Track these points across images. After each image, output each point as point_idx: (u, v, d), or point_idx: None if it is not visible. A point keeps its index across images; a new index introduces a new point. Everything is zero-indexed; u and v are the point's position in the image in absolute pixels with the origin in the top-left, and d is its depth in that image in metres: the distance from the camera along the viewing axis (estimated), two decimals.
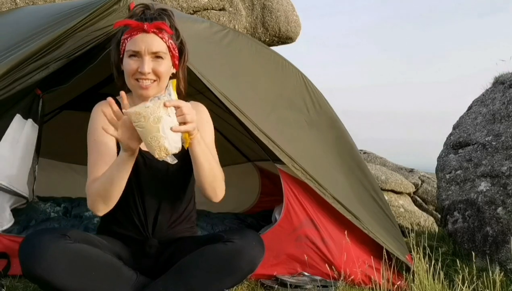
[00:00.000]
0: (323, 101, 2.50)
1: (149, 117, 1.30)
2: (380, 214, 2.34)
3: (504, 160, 2.55)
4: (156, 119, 1.30)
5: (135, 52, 1.49)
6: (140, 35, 1.48)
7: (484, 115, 2.94)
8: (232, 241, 1.43)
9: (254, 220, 3.00)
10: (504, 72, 3.13)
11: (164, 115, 1.31)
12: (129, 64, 1.50)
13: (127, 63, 1.51)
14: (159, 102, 1.32)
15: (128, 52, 1.50)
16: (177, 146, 1.36)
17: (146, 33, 1.48)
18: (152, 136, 1.31)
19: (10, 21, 2.44)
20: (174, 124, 1.33)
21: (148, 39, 1.48)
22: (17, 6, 3.49)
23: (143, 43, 1.48)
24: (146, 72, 1.48)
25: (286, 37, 4.62)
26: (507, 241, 2.33)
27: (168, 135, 1.32)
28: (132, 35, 1.49)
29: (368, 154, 6.40)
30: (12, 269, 1.90)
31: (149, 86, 1.51)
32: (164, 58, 1.52)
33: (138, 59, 1.49)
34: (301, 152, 2.16)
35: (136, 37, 1.48)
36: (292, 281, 2.02)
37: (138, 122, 1.30)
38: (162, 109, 1.31)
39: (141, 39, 1.48)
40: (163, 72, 1.52)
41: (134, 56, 1.50)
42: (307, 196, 2.15)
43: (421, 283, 1.97)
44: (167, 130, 1.31)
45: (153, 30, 1.47)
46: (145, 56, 1.48)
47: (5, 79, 1.78)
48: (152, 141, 1.31)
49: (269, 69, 2.40)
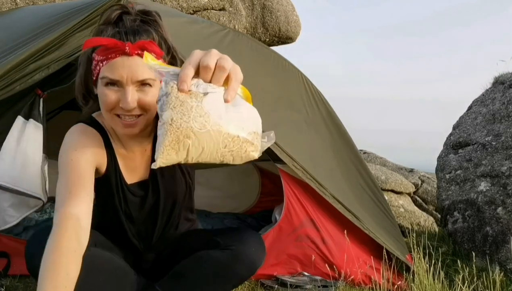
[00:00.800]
0: (323, 101, 2.50)
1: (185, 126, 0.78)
2: (380, 214, 2.35)
3: (504, 160, 2.55)
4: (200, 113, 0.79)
5: (113, 81, 1.13)
6: (120, 59, 1.11)
7: (484, 115, 2.94)
8: (231, 248, 1.32)
9: (254, 220, 3.00)
10: (504, 72, 3.14)
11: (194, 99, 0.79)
12: (105, 95, 1.14)
13: (103, 93, 1.15)
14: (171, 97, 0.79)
15: (104, 79, 1.13)
16: (257, 119, 0.90)
17: (128, 56, 1.11)
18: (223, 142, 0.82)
19: (10, 21, 2.44)
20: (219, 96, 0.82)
21: (131, 64, 1.11)
22: (17, 6, 3.48)
23: (124, 70, 1.11)
24: (131, 108, 1.14)
25: (286, 37, 4.62)
26: (507, 241, 2.33)
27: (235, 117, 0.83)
28: (108, 58, 1.12)
29: (368, 154, 6.41)
30: (12, 269, 1.90)
31: (135, 123, 1.18)
32: (153, 85, 1.17)
33: (119, 90, 1.14)
34: (301, 152, 2.16)
35: (115, 61, 1.11)
36: (292, 281, 2.02)
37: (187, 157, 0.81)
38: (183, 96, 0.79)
39: (122, 64, 1.11)
40: (151, 103, 1.17)
41: (112, 86, 1.14)
42: (307, 196, 2.15)
43: (421, 283, 1.97)
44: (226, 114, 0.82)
45: (137, 52, 1.11)
46: (127, 86, 1.13)
47: (5, 79, 1.78)
48: (232, 147, 0.83)
49: (269, 69, 2.40)
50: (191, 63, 0.81)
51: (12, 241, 1.95)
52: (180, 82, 0.80)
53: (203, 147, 0.80)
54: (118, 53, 1.11)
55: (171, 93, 0.79)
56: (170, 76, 0.81)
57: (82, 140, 1.23)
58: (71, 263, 1.00)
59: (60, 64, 1.88)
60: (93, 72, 1.18)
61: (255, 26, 4.46)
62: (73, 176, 1.13)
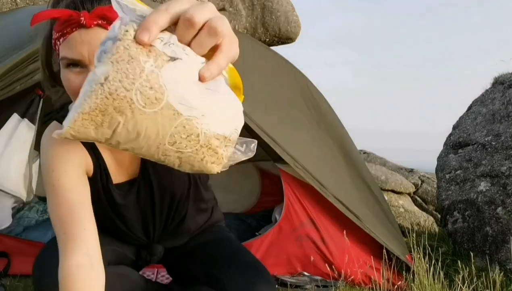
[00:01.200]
0: (323, 101, 2.50)
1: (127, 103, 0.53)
2: (380, 214, 2.35)
3: (503, 160, 2.55)
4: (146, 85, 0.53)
5: (74, 61, 0.90)
6: (77, 33, 0.89)
7: (484, 116, 2.94)
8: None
9: (254, 220, 3.01)
10: (504, 72, 3.14)
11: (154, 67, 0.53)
12: (68, 79, 0.93)
13: (66, 78, 0.93)
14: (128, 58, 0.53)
15: (64, 60, 0.91)
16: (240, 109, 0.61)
17: (86, 28, 0.88)
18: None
19: (10, 21, 2.44)
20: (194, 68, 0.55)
21: (91, 38, 0.89)
22: (17, 6, 3.48)
23: (83, 46, 0.89)
24: None
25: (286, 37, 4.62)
26: (506, 241, 2.33)
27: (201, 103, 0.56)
28: (65, 33, 0.90)
29: (368, 154, 6.41)
30: (12, 269, 1.90)
31: None
32: None
33: (82, 71, 0.91)
34: (302, 152, 2.16)
35: (71, 36, 0.89)
36: (292, 281, 2.02)
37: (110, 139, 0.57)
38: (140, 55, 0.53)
39: (80, 39, 0.89)
40: None
41: (75, 67, 0.91)
42: (307, 196, 2.15)
43: (421, 283, 1.97)
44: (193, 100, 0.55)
45: (97, 22, 0.89)
46: (91, 65, 0.89)
47: (5, 79, 1.78)
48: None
49: (270, 70, 2.40)
50: (168, 9, 0.55)
51: (12, 241, 1.95)
52: (141, 29, 0.53)
53: (140, 133, 0.55)
54: (74, 26, 0.89)
55: (121, 40, 0.52)
56: (133, 17, 0.54)
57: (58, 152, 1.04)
58: None
59: None
60: (55, 53, 0.96)
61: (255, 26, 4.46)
62: (63, 210, 0.97)
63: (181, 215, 1.41)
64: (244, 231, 2.63)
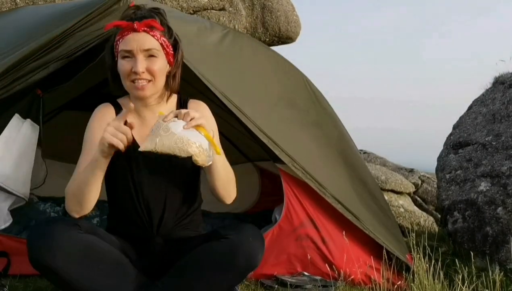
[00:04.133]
0: (323, 101, 2.50)
1: (158, 133, 1.31)
2: (380, 214, 2.34)
3: (504, 160, 2.55)
4: (166, 129, 1.32)
5: (127, 52, 1.47)
6: (131, 35, 1.47)
7: (484, 115, 2.94)
8: (227, 237, 1.40)
9: (254, 220, 3.00)
10: (504, 72, 3.14)
11: (170, 123, 1.33)
12: (122, 65, 1.49)
13: (121, 64, 1.49)
14: (158, 123, 1.35)
15: (121, 53, 1.48)
16: (204, 142, 1.35)
17: (137, 32, 1.46)
18: (175, 142, 1.31)
19: (10, 21, 2.44)
20: (184, 124, 1.34)
21: (139, 38, 1.46)
22: (17, 6, 3.48)
23: (134, 42, 1.46)
24: (140, 71, 1.46)
25: (286, 37, 4.62)
26: (507, 241, 2.33)
27: (187, 134, 1.33)
28: (123, 35, 1.48)
29: (368, 154, 6.41)
30: (12, 269, 1.90)
31: (145, 86, 1.49)
32: (158, 56, 1.50)
33: (131, 59, 1.48)
34: (301, 152, 2.16)
35: (127, 37, 1.47)
36: (292, 281, 2.02)
37: (156, 146, 1.31)
38: (164, 123, 1.34)
39: (132, 38, 1.46)
40: (158, 71, 1.50)
41: (127, 57, 1.48)
42: (307, 196, 2.15)
43: (421, 283, 1.97)
44: (182, 131, 1.33)
45: (144, 28, 1.46)
46: (137, 55, 1.46)
47: (5, 79, 1.78)
48: (179, 145, 1.31)
49: (269, 69, 2.40)
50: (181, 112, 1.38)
51: (12, 240, 1.95)
52: (167, 116, 1.36)
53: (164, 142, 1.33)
54: (129, 31, 1.47)
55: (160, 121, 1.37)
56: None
57: (95, 119, 1.59)
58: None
59: (60, 64, 1.89)
60: (114, 53, 1.53)
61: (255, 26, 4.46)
62: (83, 158, 1.50)
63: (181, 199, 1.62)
64: None
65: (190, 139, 1.32)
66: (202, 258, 1.40)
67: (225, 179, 1.53)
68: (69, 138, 3.22)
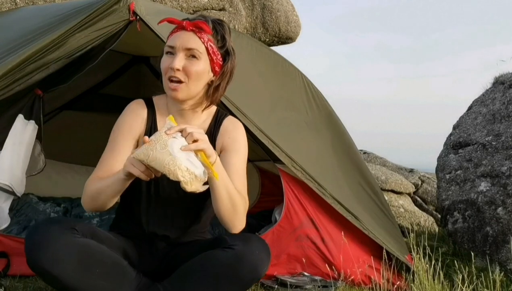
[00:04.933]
0: (323, 102, 2.50)
1: (155, 147, 1.23)
2: (380, 214, 2.35)
3: (504, 160, 2.55)
4: (163, 145, 1.24)
5: (171, 48, 1.45)
6: (179, 32, 1.45)
7: (484, 115, 2.94)
8: (233, 247, 1.35)
9: (254, 220, 3.00)
10: (504, 72, 3.13)
11: (170, 139, 1.24)
12: (163, 61, 1.47)
13: (163, 60, 1.48)
14: (159, 133, 1.27)
15: (166, 48, 1.48)
16: (200, 169, 1.26)
17: (185, 30, 1.44)
18: (167, 163, 1.22)
19: (10, 21, 2.44)
20: (183, 144, 1.25)
21: (184, 36, 1.44)
22: (17, 6, 3.48)
23: (179, 39, 1.44)
24: (175, 68, 1.41)
25: (286, 37, 4.62)
26: (507, 241, 2.33)
27: (183, 156, 1.24)
28: (172, 33, 1.48)
29: (368, 154, 6.41)
30: (12, 269, 1.90)
31: (178, 87, 1.44)
32: (200, 58, 1.44)
33: (172, 56, 1.45)
34: (300, 152, 2.16)
35: (175, 34, 1.46)
36: (292, 281, 2.02)
37: (148, 158, 1.23)
38: (165, 136, 1.25)
39: (179, 35, 1.45)
40: (194, 73, 1.44)
41: (170, 53, 1.46)
42: (307, 196, 2.15)
43: (421, 283, 1.97)
44: (178, 152, 1.24)
45: (192, 28, 1.44)
46: (179, 52, 1.43)
47: (5, 79, 1.77)
48: (170, 167, 1.22)
49: (269, 70, 2.40)
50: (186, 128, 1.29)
51: (12, 241, 1.94)
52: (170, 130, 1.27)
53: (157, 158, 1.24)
54: (179, 28, 1.46)
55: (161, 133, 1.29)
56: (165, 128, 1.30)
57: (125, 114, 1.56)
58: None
59: (60, 64, 1.88)
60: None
61: (255, 26, 4.46)
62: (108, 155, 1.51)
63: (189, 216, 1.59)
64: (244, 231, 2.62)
65: (182, 164, 1.22)
66: (206, 266, 1.37)
67: (229, 206, 1.41)
68: (69, 138, 3.25)
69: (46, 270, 1.27)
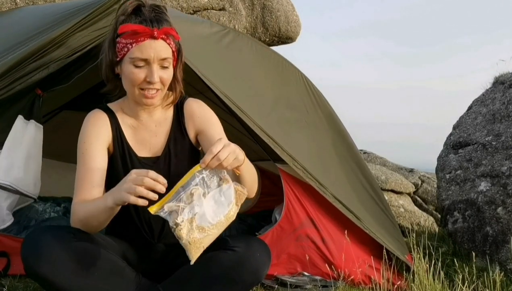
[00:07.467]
0: (323, 101, 2.50)
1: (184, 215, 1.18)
2: (380, 214, 2.35)
3: (504, 160, 2.55)
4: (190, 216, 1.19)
5: (142, 60, 1.37)
6: (148, 41, 1.35)
7: (484, 115, 2.94)
8: (235, 250, 1.35)
9: (254, 220, 3.00)
10: (504, 72, 3.13)
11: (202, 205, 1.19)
12: (133, 73, 1.38)
13: (131, 72, 1.39)
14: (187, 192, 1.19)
15: (134, 59, 1.37)
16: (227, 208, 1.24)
17: (155, 39, 1.36)
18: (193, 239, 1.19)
19: (10, 21, 2.44)
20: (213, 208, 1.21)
21: (156, 46, 1.36)
22: (17, 6, 3.48)
23: (151, 50, 1.36)
24: (155, 81, 1.38)
25: (286, 37, 4.62)
26: (507, 241, 2.33)
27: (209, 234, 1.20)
28: (138, 41, 1.36)
29: (368, 154, 6.40)
30: (12, 269, 1.90)
31: (155, 95, 1.42)
32: (169, 66, 1.42)
33: (146, 68, 1.38)
34: (301, 151, 2.16)
35: (144, 43, 1.35)
36: (292, 281, 2.02)
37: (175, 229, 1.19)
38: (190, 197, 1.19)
39: (150, 45, 1.36)
40: (168, 80, 1.43)
41: (139, 64, 1.38)
42: (307, 196, 2.15)
43: (421, 283, 1.97)
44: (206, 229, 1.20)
45: (162, 36, 1.37)
46: (153, 64, 1.38)
47: (5, 79, 1.78)
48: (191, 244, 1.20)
49: (270, 69, 2.40)
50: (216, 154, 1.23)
51: (12, 240, 1.94)
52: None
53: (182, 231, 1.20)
54: (146, 37, 1.35)
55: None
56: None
57: (90, 129, 1.47)
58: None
59: (60, 64, 1.88)
60: (118, 53, 1.40)
61: (255, 26, 4.46)
62: (83, 170, 1.41)
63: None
64: (244, 231, 2.63)
65: (204, 240, 1.20)
66: (207, 268, 1.35)
67: (250, 182, 1.43)
68: (69, 138, 3.23)
69: (44, 277, 1.27)
